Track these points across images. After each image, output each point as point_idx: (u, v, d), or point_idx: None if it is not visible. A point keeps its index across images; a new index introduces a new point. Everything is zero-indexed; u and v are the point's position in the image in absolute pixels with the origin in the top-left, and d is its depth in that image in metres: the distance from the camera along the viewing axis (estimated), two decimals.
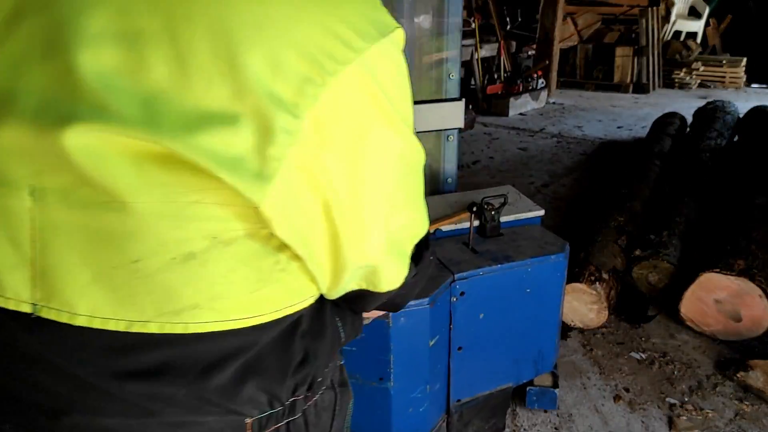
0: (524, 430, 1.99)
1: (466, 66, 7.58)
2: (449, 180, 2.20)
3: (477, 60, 7.00)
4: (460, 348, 1.74)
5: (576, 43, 9.09)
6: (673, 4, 9.16)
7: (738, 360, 2.29)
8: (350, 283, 0.61)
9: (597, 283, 2.52)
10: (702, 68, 8.88)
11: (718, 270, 2.40)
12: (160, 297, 0.51)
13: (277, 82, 0.45)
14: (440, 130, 2.08)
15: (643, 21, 8.34)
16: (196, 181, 0.47)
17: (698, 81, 8.89)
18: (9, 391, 0.56)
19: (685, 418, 2.03)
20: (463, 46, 7.16)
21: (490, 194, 1.91)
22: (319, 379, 0.68)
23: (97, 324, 0.51)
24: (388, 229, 0.57)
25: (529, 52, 7.80)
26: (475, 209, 1.74)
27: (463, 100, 2.05)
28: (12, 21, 0.48)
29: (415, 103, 1.81)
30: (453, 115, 2.03)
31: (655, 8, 8.61)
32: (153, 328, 0.52)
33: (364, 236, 0.55)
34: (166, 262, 0.50)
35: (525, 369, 1.91)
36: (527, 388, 2.00)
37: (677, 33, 9.41)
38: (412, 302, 1.50)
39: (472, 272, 1.67)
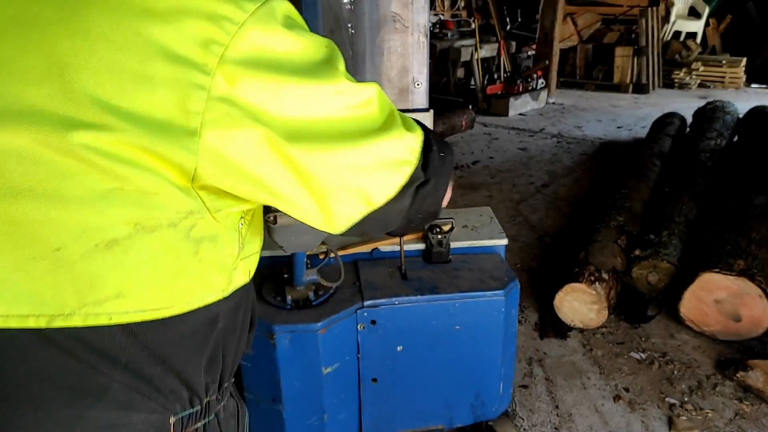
0: (524, 430, 1.99)
1: (466, 66, 7.58)
2: None
3: (477, 60, 7.01)
4: (374, 380, 1.63)
5: (576, 43, 9.09)
6: (672, 5, 9.17)
7: (738, 360, 2.29)
8: (346, 208, 0.62)
9: (597, 283, 2.52)
10: (702, 68, 8.88)
11: (717, 270, 2.40)
12: (84, 286, 0.51)
13: (184, 46, 0.49)
14: None
15: (643, 21, 8.34)
16: (116, 166, 0.49)
17: (698, 81, 8.90)
18: None
19: (684, 417, 2.04)
20: (462, 46, 7.15)
21: (454, 214, 1.77)
22: (225, 385, 0.70)
23: (13, 323, 0.50)
24: (353, 153, 0.59)
25: (529, 53, 7.80)
26: (432, 234, 1.62)
27: (432, 111, 1.87)
28: None
29: None
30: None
31: (654, 8, 8.62)
32: (77, 321, 0.51)
33: (324, 159, 0.57)
34: (89, 249, 0.51)
35: (459, 412, 1.74)
36: None
37: (677, 33, 9.42)
38: (299, 326, 1.45)
39: (386, 301, 1.53)
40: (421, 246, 1.73)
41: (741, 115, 5.22)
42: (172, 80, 0.50)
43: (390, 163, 0.63)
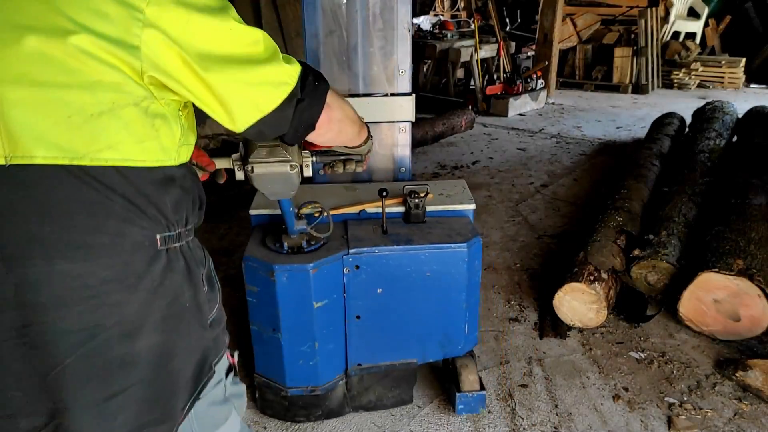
0: (524, 429, 2.00)
1: (466, 67, 7.59)
2: (402, 169, 2.32)
3: (476, 61, 7.01)
4: (358, 317, 1.92)
5: (575, 43, 9.10)
6: (672, 5, 9.17)
7: (737, 360, 2.30)
8: (244, 113, 0.90)
9: (596, 282, 2.52)
10: (701, 69, 8.88)
11: (716, 270, 2.40)
12: (88, 140, 0.82)
13: None
14: (392, 122, 2.22)
15: (642, 22, 8.35)
16: (97, 64, 0.79)
17: (697, 81, 8.90)
18: None
19: (684, 417, 2.04)
20: (462, 47, 7.16)
21: (433, 185, 2.10)
22: (189, 227, 1.00)
23: (50, 161, 0.81)
24: (244, 74, 0.87)
25: (529, 53, 7.81)
26: (385, 194, 1.88)
27: (414, 95, 2.19)
28: None
29: (367, 95, 2.01)
30: (404, 108, 2.19)
31: (654, 9, 8.62)
32: (86, 162, 0.82)
33: (223, 77, 0.85)
34: (87, 117, 0.81)
35: (431, 349, 2.03)
36: (456, 395, 1.99)
37: (676, 33, 9.42)
38: (295, 265, 1.75)
39: (368, 249, 1.83)
40: (401, 209, 2.00)
41: (740, 116, 5.23)
42: (120, 15, 0.79)
43: (272, 83, 0.90)
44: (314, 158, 1.38)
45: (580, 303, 2.52)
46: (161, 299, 0.92)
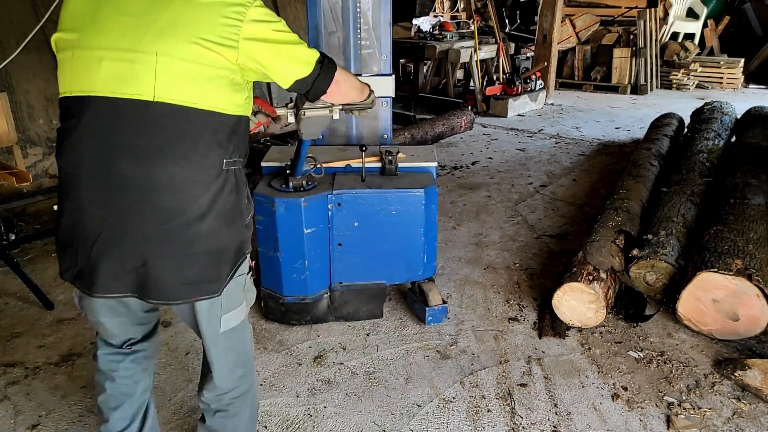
0: (523, 428, 2.00)
1: (466, 68, 7.59)
2: (385, 135, 2.89)
3: (476, 62, 7.02)
4: (339, 244, 2.47)
5: (574, 44, 9.11)
6: (670, 6, 9.19)
7: (736, 359, 2.30)
8: (291, 76, 1.45)
9: (595, 282, 2.53)
10: (699, 69, 8.90)
11: (715, 270, 2.41)
12: (201, 94, 1.30)
13: (228, 15, 1.31)
14: (378, 97, 2.66)
15: (641, 22, 8.36)
16: (212, 54, 1.29)
17: (696, 82, 8.91)
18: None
19: (683, 416, 2.04)
20: (462, 48, 7.18)
21: (407, 149, 2.74)
22: (241, 159, 1.45)
23: (177, 102, 1.29)
24: (298, 53, 1.44)
25: (528, 54, 7.82)
26: (364, 150, 2.45)
27: (393, 75, 2.82)
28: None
29: (357, 75, 2.47)
30: (385, 86, 2.77)
31: (653, 9, 8.64)
32: (197, 106, 1.30)
33: (277, 58, 1.40)
34: (203, 81, 1.30)
35: (396, 273, 2.57)
36: (426, 309, 2.58)
37: (675, 34, 9.44)
38: (290, 199, 2.33)
39: (346, 191, 2.40)
40: (379, 164, 2.55)
41: (739, 116, 5.24)
42: (228, 30, 1.30)
43: (304, 62, 1.46)
44: (339, 106, 1.91)
45: (579, 302, 2.53)
46: (220, 199, 1.37)
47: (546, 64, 7.48)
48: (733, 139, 4.69)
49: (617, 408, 2.10)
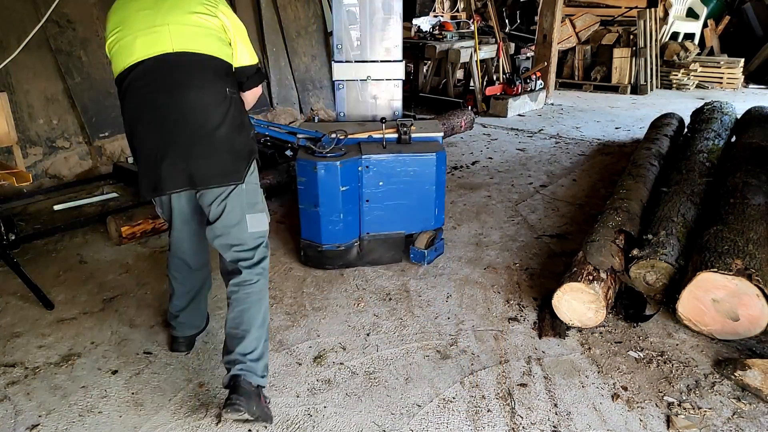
0: (523, 428, 2.00)
1: (466, 68, 7.59)
2: (396, 112, 3.51)
3: (476, 62, 7.02)
4: (367, 201, 3.02)
5: (574, 44, 9.10)
6: (670, 6, 9.19)
7: (735, 359, 2.30)
8: (242, 56, 2.05)
9: (595, 282, 2.53)
10: (699, 69, 8.90)
11: (715, 270, 2.41)
12: (205, 45, 1.94)
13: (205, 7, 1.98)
14: (390, 79, 3.44)
15: (641, 22, 8.36)
16: (210, 19, 1.97)
17: (696, 82, 8.91)
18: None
19: (683, 416, 2.04)
20: (462, 48, 7.17)
21: (404, 121, 3.19)
22: (236, 90, 2.04)
23: (190, 50, 1.92)
24: (249, 47, 2.08)
25: (528, 54, 7.82)
26: (384, 121, 3.10)
27: (404, 61, 3.45)
28: None
29: (372, 62, 3.45)
30: (396, 70, 3.42)
31: (653, 9, 8.63)
32: (204, 52, 1.94)
33: (242, 40, 2.05)
34: (206, 36, 1.95)
35: (413, 224, 3.15)
36: (410, 248, 3.16)
37: (675, 34, 9.44)
38: (329, 162, 2.84)
39: (373, 156, 2.94)
40: (395, 135, 3.10)
41: (739, 116, 5.24)
42: (207, 7, 1.96)
43: (253, 54, 2.11)
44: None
45: (579, 302, 2.53)
46: (229, 114, 1.96)
47: (546, 64, 7.48)
48: (733, 139, 4.69)
49: (617, 408, 2.10)
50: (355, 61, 3.34)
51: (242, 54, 2.03)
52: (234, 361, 1.94)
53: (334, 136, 2.94)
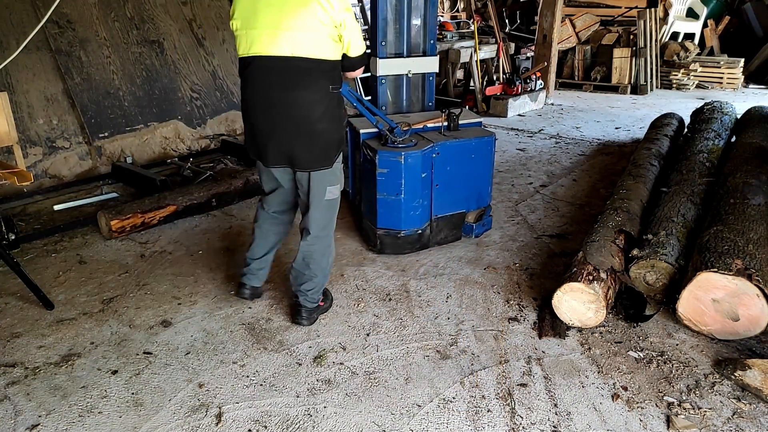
0: (523, 428, 2.00)
1: (466, 68, 7.59)
2: (430, 104, 3.76)
3: (476, 62, 7.02)
4: (437, 185, 3.24)
5: (574, 44, 9.10)
6: (671, 6, 9.18)
7: (735, 359, 2.30)
8: (350, 48, 2.36)
9: (595, 282, 2.53)
10: (699, 69, 8.90)
11: (715, 270, 2.41)
12: (317, 48, 2.24)
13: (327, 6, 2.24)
14: (423, 73, 3.68)
15: (641, 22, 8.36)
16: (321, 27, 2.24)
17: (696, 82, 8.91)
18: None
19: (683, 416, 2.04)
20: (462, 48, 7.16)
21: (453, 110, 3.44)
22: (338, 86, 2.37)
23: (305, 55, 2.24)
24: (358, 39, 2.37)
25: (528, 54, 7.81)
26: (445, 113, 3.36)
27: (438, 55, 3.76)
28: None
29: (409, 56, 3.72)
30: (431, 64, 3.65)
31: (653, 9, 8.63)
32: (314, 56, 2.25)
33: (352, 35, 2.33)
34: (318, 39, 2.24)
35: (471, 203, 3.45)
36: (465, 223, 3.47)
37: (675, 34, 9.44)
38: (411, 150, 3.05)
39: (444, 143, 3.19)
40: (445, 123, 3.37)
41: (739, 116, 5.24)
42: (324, 13, 2.21)
43: (361, 45, 2.43)
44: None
45: (579, 302, 2.53)
46: (329, 110, 2.32)
47: (546, 64, 7.48)
48: (733, 139, 4.69)
49: (617, 408, 2.10)
50: (396, 56, 3.55)
51: (350, 47, 2.34)
52: (297, 292, 2.58)
53: (406, 127, 3.15)
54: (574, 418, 2.05)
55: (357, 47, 2.36)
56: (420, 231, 3.27)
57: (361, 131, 3.28)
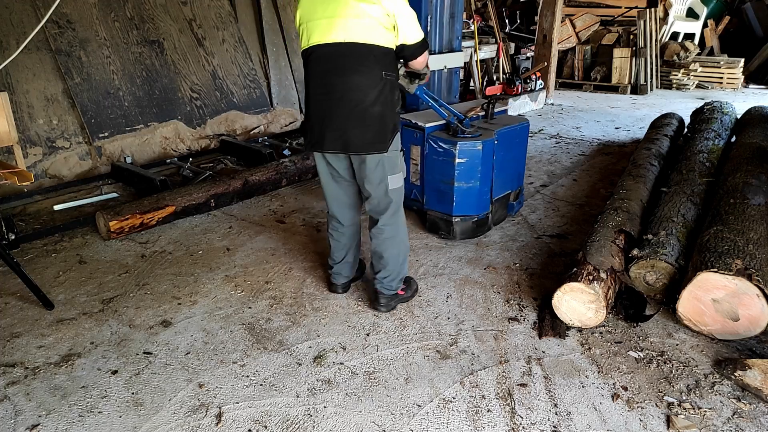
0: (523, 428, 2.00)
1: (466, 68, 7.58)
2: (456, 96, 4.29)
3: (476, 62, 7.02)
4: (497, 169, 3.45)
5: (574, 44, 9.10)
6: (671, 6, 9.19)
7: (735, 359, 2.30)
8: (413, 39, 2.43)
9: (595, 282, 2.53)
10: (699, 69, 8.90)
11: (715, 270, 2.41)
12: (371, 35, 2.32)
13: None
14: (451, 68, 4.17)
15: (642, 22, 8.36)
16: (372, 16, 2.32)
17: (696, 82, 8.91)
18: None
19: (683, 416, 2.04)
20: (462, 48, 7.17)
21: (483, 102, 3.75)
22: (393, 72, 2.46)
23: (358, 40, 2.33)
24: (413, 27, 2.41)
25: (528, 54, 7.81)
26: (484, 106, 3.64)
27: (463, 51, 4.35)
28: None
29: (439, 52, 4.55)
30: (457, 59, 4.20)
31: (653, 9, 8.64)
32: (368, 42, 2.33)
33: (405, 23, 2.38)
34: (371, 27, 2.32)
35: (515, 183, 3.76)
36: (508, 203, 3.76)
37: (675, 34, 9.44)
38: (487, 140, 3.29)
39: (499, 130, 3.41)
40: (482, 113, 3.65)
41: (739, 116, 5.24)
42: (381, 7, 2.31)
43: (416, 31, 2.46)
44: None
45: (579, 302, 2.53)
46: (382, 95, 2.38)
47: (546, 64, 7.48)
48: (733, 139, 4.69)
49: (617, 408, 2.10)
50: (437, 53, 3.85)
51: (404, 35, 2.38)
52: (374, 279, 2.70)
53: (472, 115, 3.48)
54: (574, 418, 2.05)
55: (412, 35, 2.40)
56: (488, 213, 3.52)
57: (426, 125, 3.40)
